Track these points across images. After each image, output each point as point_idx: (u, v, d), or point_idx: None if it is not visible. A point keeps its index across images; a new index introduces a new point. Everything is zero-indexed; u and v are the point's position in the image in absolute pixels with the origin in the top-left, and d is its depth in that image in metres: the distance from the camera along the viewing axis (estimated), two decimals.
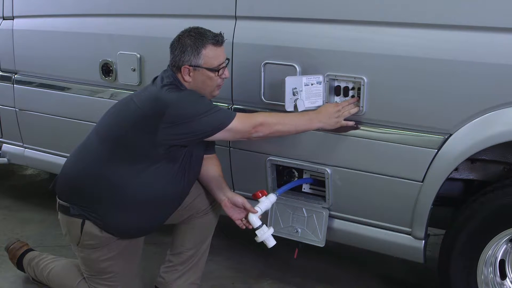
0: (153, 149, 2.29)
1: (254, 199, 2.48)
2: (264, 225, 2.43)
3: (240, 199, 2.47)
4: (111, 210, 2.36)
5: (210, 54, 2.32)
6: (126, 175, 2.33)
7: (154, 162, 2.32)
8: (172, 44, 2.38)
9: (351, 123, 2.39)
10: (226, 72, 2.40)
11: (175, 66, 2.36)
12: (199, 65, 2.32)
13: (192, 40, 2.32)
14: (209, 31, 2.36)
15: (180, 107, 2.26)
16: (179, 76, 2.36)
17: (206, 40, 2.31)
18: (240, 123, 2.30)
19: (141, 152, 2.31)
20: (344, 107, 2.37)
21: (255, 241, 2.45)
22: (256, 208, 2.44)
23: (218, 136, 2.30)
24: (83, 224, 2.38)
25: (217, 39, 2.33)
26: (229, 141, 2.76)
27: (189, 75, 2.34)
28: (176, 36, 2.38)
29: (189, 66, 2.32)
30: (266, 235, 2.42)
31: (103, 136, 2.40)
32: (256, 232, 2.41)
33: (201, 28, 2.36)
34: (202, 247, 2.63)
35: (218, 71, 2.35)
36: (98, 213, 2.36)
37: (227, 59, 2.41)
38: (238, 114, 2.32)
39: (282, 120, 2.36)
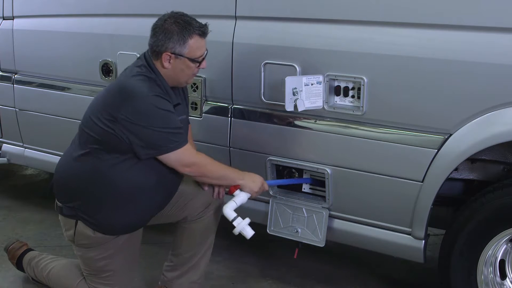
0: (117, 140, 2.27)
1: (229, 194, 2.49)
2: (239, 217, 2.42)
3: None
4: (96, 206, 2.35)
5: (195, 45, 2.30)
6: (101, 169, 2.31)
7: (123, 154, 2.30)
8: (155, 27, 2.33)
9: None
10: (204, 63, 2.38)
11: (155, 51, 2.32)
12: (182, 54, 2.29)
13: (180, 28, 2.27)
14: (194, 19, 2.32)
15: (142, 106, 2.23)
16: (157, 62, 2.33)
17: (193, 30, 2.28)
18: (176, 158, 2.30)
19: (109, 144, 2.29)
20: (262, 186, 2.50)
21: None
22: (231, 201, 2.44)
23: (151, 154, 2.29)
24: (76, 224, 2.40)
25: (203, 30, 2.31)
26: (229, 141, 2.76)
27: (169, 62, 2.30)
28: (161, 19, 2.33)
29: (171, 53, 2.29)
30: (242, 226, 2.40)
31: (79, 131, 2.42)
32: (234, 223, 2.41)
33: (187, 16, 2.33)
34: (202, 248, 2.61)
35: (199, 63, 2.34)
36: (85, 212, 2.36)
37: (207, 50, 2.38)
38: (183, 149, 2.30)
39: (212, 168, 2.41)
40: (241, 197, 2.46)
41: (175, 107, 2.36)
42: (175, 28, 2.28)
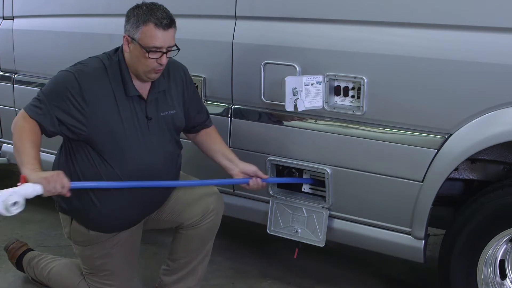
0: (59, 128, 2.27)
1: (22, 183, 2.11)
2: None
3: (252, 168, 2.47)
4: (83, 203, 2.33)
5: (148, 33, 2.20)
6: (71, 164, 2.32)
7: (80, 146, 2.30)
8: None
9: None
10: (163, 59, 2.24)
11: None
12: (134, 38, 2.24)
13: (140, 12, 2.23)
14: (164, 11, 2.24)
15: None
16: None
17: (150, 18, 2.21)
18: (19, 114, 2.28)
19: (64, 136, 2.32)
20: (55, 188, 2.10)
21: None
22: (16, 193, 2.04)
23: None
24: (71, 220, 2.41)
25: (161, 22, 2.20)
26: (229, 141, 2.76)
27: (128, 46, 2.28)
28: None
29: (128, 36, 2.26)
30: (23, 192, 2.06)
31: None
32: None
33: (157, 5, 2.25)
34: (199, 255, 2.57)
35: (148, 52, 2.21)
36: (72, 209, 2.36)
37: (171, 48, 2.27)
38: (22, 111, 2.27)
39: (14, 139, 2.24)
40: (25, 189, 2.06)
41: (131, 98, 2.30)
42: (136, 11, 2.25)
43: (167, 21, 2.22)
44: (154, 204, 2.49)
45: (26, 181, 2.08)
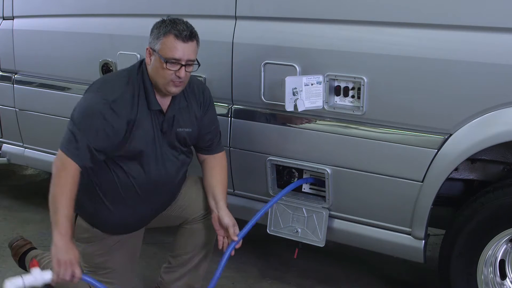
0: None
1: (31, 267, 2.17)
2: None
3: (226, 221, 2.40)
4: (89, 205, 2.36)
5: (168, 44, 2.22)
6: (85, 172, 2.30)
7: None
8: None
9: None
10: (182, 72, 2.23)
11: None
12: (155, 49, 2.26)
13: (162, 25, 2.26)
14: (185, 25, 2.26)
15: (83, 97, 2.31)
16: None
17: (171, 30, 2.23)
18: (60, 156, 2.22)
19: None
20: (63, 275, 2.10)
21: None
22: (18, 277, 2.08)
23: None
24: (76, 217, 2.41)
25: (182, 33, 2.22)
26: (229, 141, 2.76)
27: (150, 58, 2.29)
28: None
29: (150, 48, 2.29)
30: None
31: None
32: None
33: (180, 20, 2.28)
34: (202, 252, 2.59)
35: (167, 63, 2.21)
36: (81, 208, 2.36)
37: (192, 61, 2.27)
38: (60, 153, 2.21)
39: (52, 191, 2.18)
40: (35, 276, 2.06)
41: (152, 111, 2.31)
42: (159, 24, 2.28)
43: (187, 33, 2.23)
44: (164, 205, 2.52)
45: (37, 264, 2.15)
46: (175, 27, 2.23)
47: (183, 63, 2.24)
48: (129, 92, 2.28)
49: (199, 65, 2.32)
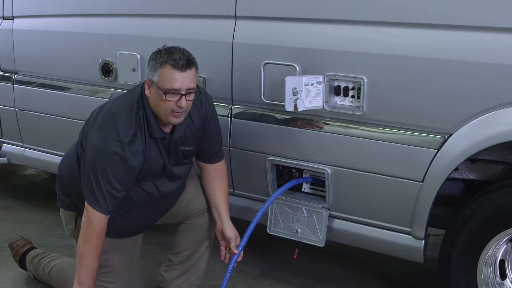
0: None
1: None
2: None
3: (229, 234, 2.46)
4: None
5: (165, 75, 2.17)
6: None
7: None
8: None
9: None
10: (182, 102, 2.19)
11: None
12: (153, 81, 2.22)
13: (158, 55, 2.22)
14: (182, 53, 2.21)
15: (93, 138, 2.25)
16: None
17: (167, 60, 2.18)
18: (86, 209, 2.23)
19: None
20: None
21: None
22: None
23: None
24: (77, 217, 2.42)
25: (178, 63, 2.17)
26: (229, 141, 2.76)
27: (149, 90, 2.26)
28: None
29: (148, 80, 2.25)
30: None
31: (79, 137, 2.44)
32: None
33: (176, 48, 2.24)
34: (201, 248, 2.62)
35: (166, 94, 2.17)
36: (83, 208, 2.36)
37: (192, 89, 2.22)
38: (91, 211, 2.22)
39: (79, 253, 2.26)
40: None
41: (162, 140, 2.31)
42: (155, 55, 2.24)
43: (184, 62, 2.18)
44: (169, 208, 2.55)
45: None
46: (171, 56, 2.19)
47: (183, 92, 2.19)
48: (137, 127, 2.26)
49: (200, 93, 2.32)
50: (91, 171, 2.21)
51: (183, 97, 2.20)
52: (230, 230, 2.48)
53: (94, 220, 2.22)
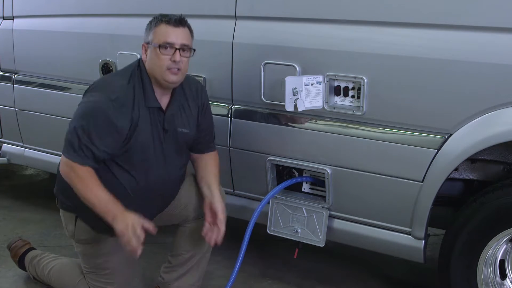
0: None
1: None
2: None
3: (217, 205, 2.40)
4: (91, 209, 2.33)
5: (159, 31, 2.27)
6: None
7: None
8: None
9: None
10: (177, 56, 2.24)
11: None
12: (149, 41, 2.30)
13: (153, 20, 2.33)
14: (175, 15, 2.31)
15: (83, 98, 2.31)
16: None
17: (161, 19, 2.30)
18: (63, 162, 2.25)
19: None
20: (132, 238, 2.15)
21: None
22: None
23: None
24: (76, 219, 2.42)
25: (172, 19, 2.27)
26: (229, 141, 2.76)
27: (145, 53, 2.32)
28: None
29: (145, 43, 2.33)
30: None
31: None
32: None
33: (172, 14, 2.33)
34: (201, 251, 2.60)
35: (160, 47, 2.24)
36: (82, 210, 2.35)
37: (186, 46, 2.28)
38: (64, 158, 2.24)
39: (86, 182, 2.22)
40: None
41: (151, 109, 2.31)
42: (150, 21, 2.34)
43: (177, 18, 2.29)
44: (165, 204, 2.52)
45: None
46: (165, 16, 2.30)
47: (177, 47, 2.26)
48: (130, 91, 2.28)
49: (195, 50, 2.34)
50: (74, 123, 2.24)
51: (178, 51, 2.25)
52: (218, 202, 2.41)
53: (76, 169, 2.21)
